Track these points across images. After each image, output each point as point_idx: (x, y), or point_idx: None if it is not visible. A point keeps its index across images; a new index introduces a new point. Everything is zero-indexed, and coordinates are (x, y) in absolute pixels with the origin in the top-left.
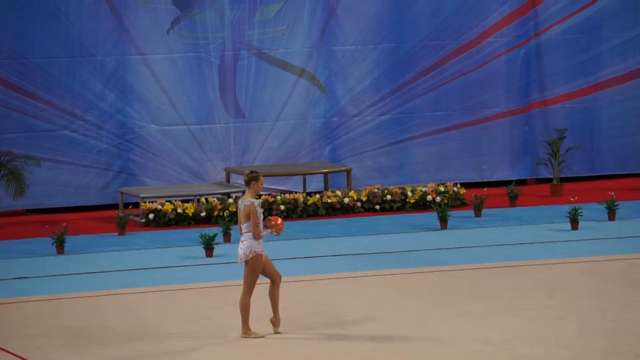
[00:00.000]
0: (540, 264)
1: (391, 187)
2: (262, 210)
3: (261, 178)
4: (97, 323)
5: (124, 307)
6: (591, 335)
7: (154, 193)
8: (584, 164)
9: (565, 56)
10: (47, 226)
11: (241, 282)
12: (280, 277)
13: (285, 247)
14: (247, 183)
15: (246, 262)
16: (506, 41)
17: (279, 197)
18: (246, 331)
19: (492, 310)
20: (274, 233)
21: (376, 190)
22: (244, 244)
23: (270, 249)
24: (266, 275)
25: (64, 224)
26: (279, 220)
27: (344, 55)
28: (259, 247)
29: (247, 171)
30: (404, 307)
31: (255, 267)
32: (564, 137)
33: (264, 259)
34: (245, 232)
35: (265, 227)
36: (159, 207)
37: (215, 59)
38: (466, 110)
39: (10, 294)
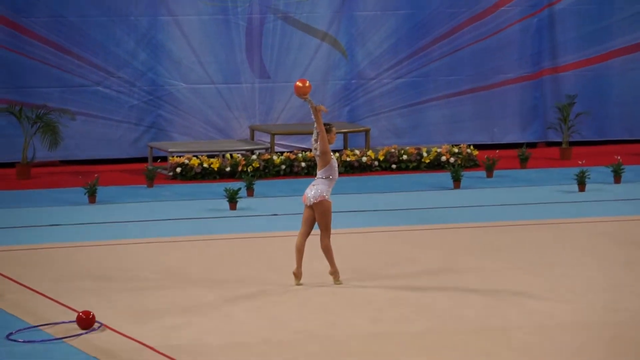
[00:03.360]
0: (548, 224)
1: (407, 148)
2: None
3: (333, 129)
4: (125, 270)
5: (151, 255)
6: (593, 292)
7: (182, 148)
8: (592, 129)
9: (578, 25)
10: (80, 177)
11: (264, 234)
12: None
13: None
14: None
15: (313, 205)
16: (520, 10)
17: (300, 155)
18: (334, 271)
19: (501, 267)
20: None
21: (393, 150)
22: (315, 188)
23: (291, 204)
24: (311, 224)
25: (95, 175)
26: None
27: (364, 21)
28: (328, 193)
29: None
30: (419, 261)
31: (325, 210)
32: (574, 103)
33: (330, 205)
34: (319, 178)
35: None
36: (186, 161)
37: (243, 21)
38: (479, 76)
39: (42, 239)
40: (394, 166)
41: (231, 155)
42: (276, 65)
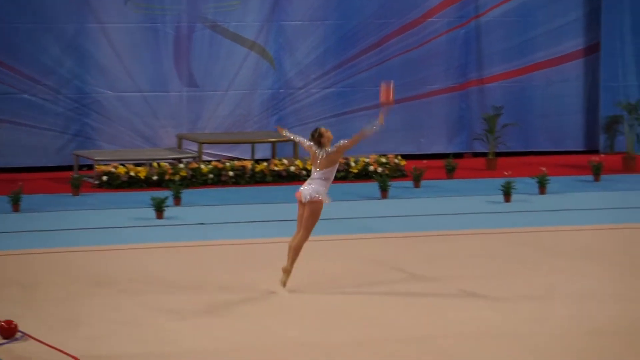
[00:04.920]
0: (475, 234)
1: None
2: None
3: (322, 131)
4: (51, 279)
5: (78, 264)
6: (519, 301)
7: (108, 156)
8: (518, 140)
9: (504, 37)
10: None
11: (191, 243)
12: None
13: (233, 211)
14: (319, 142)
15: (308, 203)
16: (448, 21)
17: (227, 164)
18: (288, 270)
19: (428, 276)
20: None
21: None
22: (311, 186)
23: (218, 213)
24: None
25: (20, 183)
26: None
27: (292, 31)
28: (324, 194)
29: (313, 133)
30: (345, 271)
31: (316, 212)
32: (500, 114)
33: (321, 208)
34: (317, 178)
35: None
36: (113, 169)
37: (171, 30)
38: (407, 86)
39: None
40: None
41: (158, 163)
42: (204, 74)
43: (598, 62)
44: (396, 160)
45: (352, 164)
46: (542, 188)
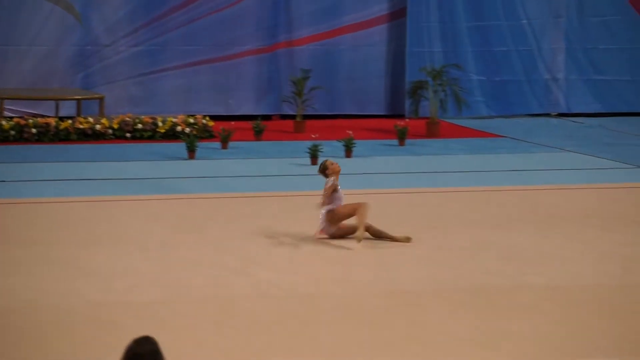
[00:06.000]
0: (281, 196)
1: (143, 117)
2: (333, 185)
3: (327, 164)
4: None
5: None
6: (323, 263)
7: None
8: (326, 103)
9: (312, 0)
10: None
11: None
12: (359, 205)
13: (36, 170)
14: (324, 174)
15: (329, 221)
16: None
17: (30, 121)
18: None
19: (230, 237)
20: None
21: (128, 119)
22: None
23: (20, 171)
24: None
25: None
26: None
27: None
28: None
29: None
30: (150, 232)
31: (335, 217)
32: (309, 77)
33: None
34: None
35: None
36: None
37: None
38: (216, 47)
39: None
40: (128, 135)
41: None
42: (7, 27)
43: (404, 28)
44: (204, 121)
45: (160, 123)
46: (348, 151)
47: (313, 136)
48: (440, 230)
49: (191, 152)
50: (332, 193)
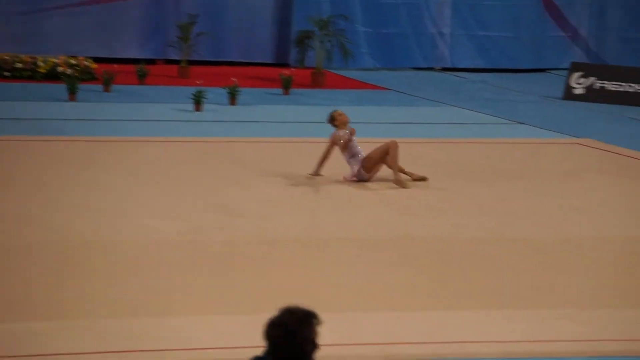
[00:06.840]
0: (164, 141)
1: (22, 56)
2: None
3: (335, 115)
4: None
5: None
6: (203, 211)
7: None
8: (211, 49)
9: None
10: None
11: None
12: (392, 143)
13: None
14: (333, 125)
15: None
16: None
17: None
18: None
19: (116, 181)
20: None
21: (7, 58)
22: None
23: None
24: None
25: None
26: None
27: None
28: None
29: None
30: (36, 174)
31: (370, 163)
32: (195, 22)
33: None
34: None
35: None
36: None
37: None
38: None
39: None
40: (7, 74)
41: None
42: None
43: None
44: (86, 63)
45: (41, 63)
46: (232, 99)
47: (197, 82)
48: (322, 179)
49: (72, 94)
50: (348, 143)
